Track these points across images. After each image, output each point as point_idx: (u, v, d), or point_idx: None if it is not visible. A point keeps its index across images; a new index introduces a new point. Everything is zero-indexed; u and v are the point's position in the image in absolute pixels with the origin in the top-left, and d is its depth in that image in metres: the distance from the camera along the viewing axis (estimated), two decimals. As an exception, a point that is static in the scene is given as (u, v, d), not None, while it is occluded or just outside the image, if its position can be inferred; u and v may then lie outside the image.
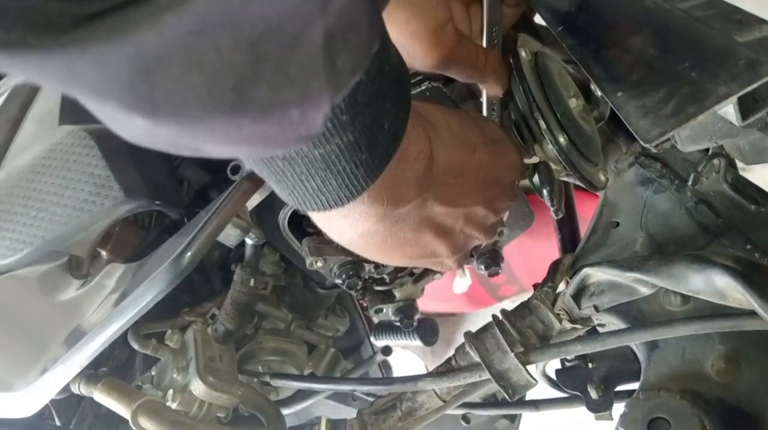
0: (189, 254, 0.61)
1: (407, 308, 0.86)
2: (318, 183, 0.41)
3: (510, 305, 0.69)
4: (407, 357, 2.18)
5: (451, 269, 0.64)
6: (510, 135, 0.63)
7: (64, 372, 0.67)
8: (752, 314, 0.52)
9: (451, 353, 0.72)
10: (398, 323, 0.87)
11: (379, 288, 0.85)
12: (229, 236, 0.67)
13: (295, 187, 0.42)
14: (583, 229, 0.76)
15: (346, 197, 0.43)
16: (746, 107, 0.51)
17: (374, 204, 0.47)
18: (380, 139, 0.41)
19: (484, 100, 0.65)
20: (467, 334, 0.68)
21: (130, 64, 0.26)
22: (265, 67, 0.29)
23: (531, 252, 1.84)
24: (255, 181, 0.65)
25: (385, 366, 1.16)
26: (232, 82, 0.28)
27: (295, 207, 0.45)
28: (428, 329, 0.94)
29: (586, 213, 0.78)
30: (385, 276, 0.83)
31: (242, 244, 0.84)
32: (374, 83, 0.38)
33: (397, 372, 1.25)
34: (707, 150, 0.66)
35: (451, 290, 2.12)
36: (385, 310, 0.86)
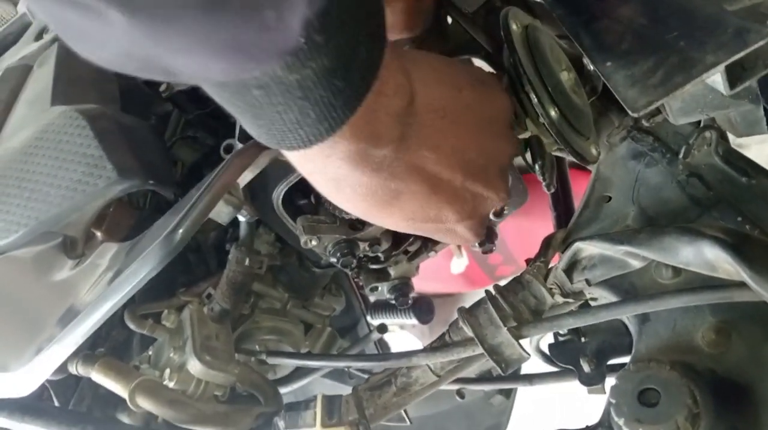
0: (181, 230, 0.61)
1: (402, 286, 0.87)
2: (296, 115, 0.40)
3: (507, 284, 0.69)
4: (405, 338, 2.19)
5: (468, 242, 0.61)
6: (498, 80, 0.61)
7: (59, 351, 0.68)
8: (742, 285, 0.52)
9: (448, 332, 0.72)
10: (393, 302, 0.87)
11: (374, 266, 0.85)
12: (221, 212, 0.67)
13: (273, 122, 0.40)
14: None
15: (325, 130, 0.41)
16: (734, 76, 0.50)
17: (354, 140, 0.45)
18: (357, 67, 0.40)
19: None
20: (461, 309, 0.68)
21: None
22: None
23: (528, 232, 1.84)
24: (246, 158, 0.65)
25: (383, 345, 1.16)
26: None
27: (275, 147, 0.44)
28: (423, 307, 0.94)
29: (582, 191, 0.78)
30: (379, 254, 0.83)
31: (237, 224, 0.84)
32: (347, 4, 0.38)
33: (394, 351, 1.26)
34: (699, 123, 0.66)
35: (448, 271, 2.14)
36: (380, 288, 0.86)
